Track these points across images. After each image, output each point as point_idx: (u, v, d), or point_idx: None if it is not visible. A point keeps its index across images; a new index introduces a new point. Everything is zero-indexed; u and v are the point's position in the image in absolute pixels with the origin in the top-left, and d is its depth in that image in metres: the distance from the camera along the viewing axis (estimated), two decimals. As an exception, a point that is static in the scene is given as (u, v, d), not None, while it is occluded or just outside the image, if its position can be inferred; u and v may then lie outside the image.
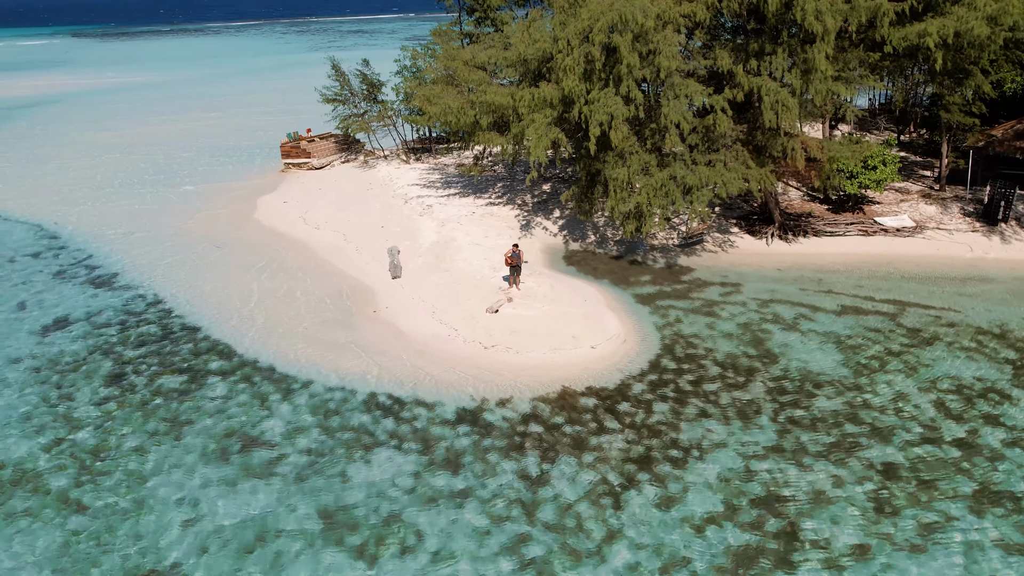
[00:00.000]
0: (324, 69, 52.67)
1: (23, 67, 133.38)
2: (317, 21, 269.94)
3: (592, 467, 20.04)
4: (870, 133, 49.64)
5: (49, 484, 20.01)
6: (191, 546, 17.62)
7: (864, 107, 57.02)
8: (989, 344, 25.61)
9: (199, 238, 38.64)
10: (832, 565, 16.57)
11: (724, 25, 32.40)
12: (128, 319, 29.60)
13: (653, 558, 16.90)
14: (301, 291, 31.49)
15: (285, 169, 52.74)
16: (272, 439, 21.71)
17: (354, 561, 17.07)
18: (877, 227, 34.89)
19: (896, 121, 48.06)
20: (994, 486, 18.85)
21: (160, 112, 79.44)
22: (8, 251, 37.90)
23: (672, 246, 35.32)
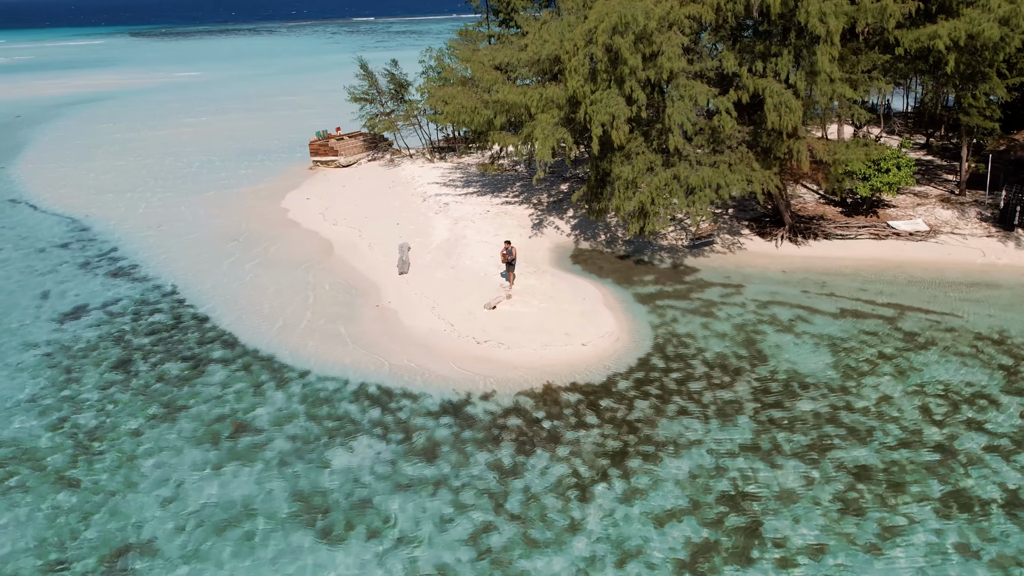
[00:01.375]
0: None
1: (79, 65, 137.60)
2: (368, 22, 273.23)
3: (564, 460, 20.38)
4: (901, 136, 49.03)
5: (46, 462, 20.99)
6: (168, 524, 18.40)
7: (899, 110, 56.31)
8: (985, 350, 25.31)
9: (220, 232, 39.78)
10: (786, 563, 16.70)
11: (731, 27, 32.36)
12: (142, 308, 30.71)
13: (610, 550, 17.19)
14: (310, 284, 32.31)
15: (313, 167, 53.86)
16: (261, 425, 22.47)
17: (320, 543, 17.67)
18: (889, 231, 34.54)
19: (926, 124, 47.32)
20: (965, 491, 18.74)
21: (202, 110, 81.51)
22: (40, 242, 39.45)
23: (681, 247, 35.39)
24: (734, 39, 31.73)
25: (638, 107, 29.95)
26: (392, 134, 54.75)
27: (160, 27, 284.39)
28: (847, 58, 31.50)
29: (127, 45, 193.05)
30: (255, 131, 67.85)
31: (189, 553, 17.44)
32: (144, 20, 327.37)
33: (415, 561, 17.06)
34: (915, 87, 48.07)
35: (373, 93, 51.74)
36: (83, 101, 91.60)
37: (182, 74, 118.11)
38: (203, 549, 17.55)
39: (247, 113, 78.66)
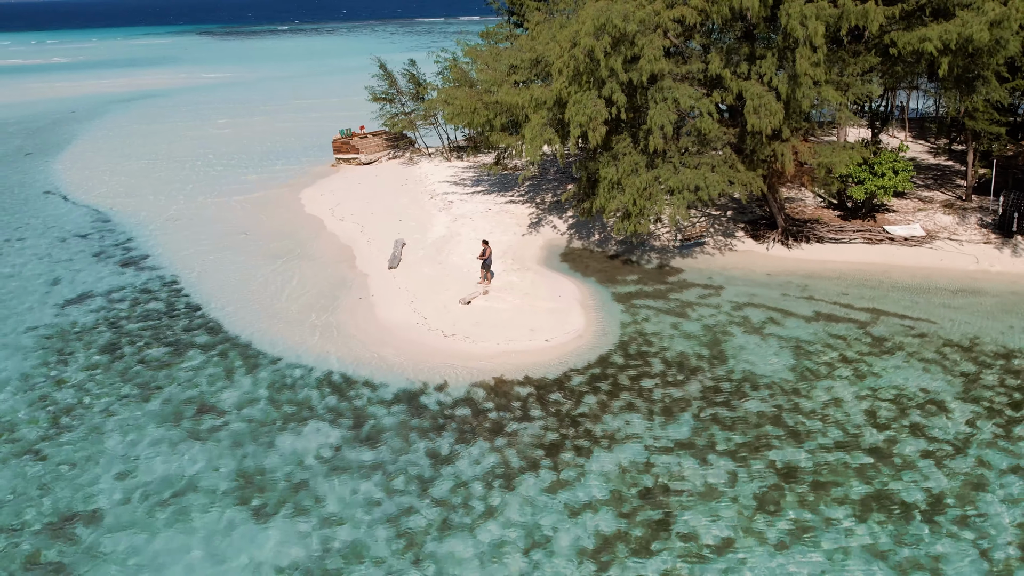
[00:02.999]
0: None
1: (141, 64, 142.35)
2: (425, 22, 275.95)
3: (500, 450, 20.97)
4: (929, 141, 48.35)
5: (20, 434, 22.40)
6: (116, 496, 19.53)
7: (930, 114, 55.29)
8: (951, 356, 25.10)
9: (232, 225, 41.26)
10: (689, 555, 17.04)
11: (717, 29, 32.47)
12: (140, 296, 32.19)
13: (521, 537, 17.73)
14: (302, 277, 33.43)
15: (336, 164, 55.22)
16: (224, 407, 23.55)
17: (249, 518, 18.59)
18: (883, 235, 34.21)
19: (947, 129, 46.43)
20: (889, 494, 18.79)
21: (243, 109, 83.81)
22: (63, 232, 41.46)
23: (672, 247, 35.57)
24: (721, 41, 31.79)
25: (618, 108, 30.22)
26: (413, 133, 55.75)
27: (228, 26, 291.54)
28: (841, 61, 31.32)
29: (191, 44, 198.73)
30: (290, 130, 69.66)
31: (127, 523, 18.53)
32: (215, 19, 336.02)
33: (332, 539, 17.85)
34: (937, 91, 47.14)
35: (392, 93, 52.78)
36: (136, 98, 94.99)
37: (233, 73, 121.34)
38: (141, 520, 18.61)
39: (285, 112, 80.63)
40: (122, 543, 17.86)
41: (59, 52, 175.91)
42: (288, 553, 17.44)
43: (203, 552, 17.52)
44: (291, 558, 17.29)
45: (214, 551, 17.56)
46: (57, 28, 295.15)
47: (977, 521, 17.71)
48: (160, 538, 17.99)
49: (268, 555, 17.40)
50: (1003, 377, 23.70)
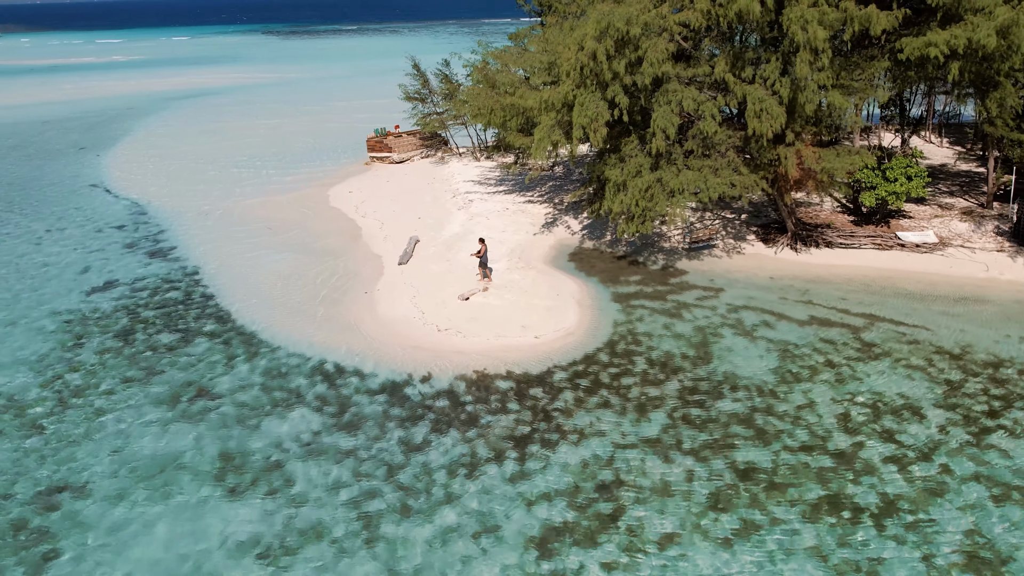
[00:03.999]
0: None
1: (202, 62, 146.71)
2: (488, 22, 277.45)
3: (470, 441, 21.66)
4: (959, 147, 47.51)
5: (28, 411, 23.88)
6: (105, 471, 20.77)
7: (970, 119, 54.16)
8: (939, 364, 24.94)
9: (259, 220, 42.74)
10: (631, 548, 17.48)
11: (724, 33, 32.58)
12: (161, 286, 33.72)
13: (472, 523, 18.39)
14: (315, 270, 34.59)
15: (369, 162, 56.57)
16: (219, 392, 24.71)
17: (222, 496, 19.62)
18: (895, 241, 33.92)
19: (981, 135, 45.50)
20: (844, 497, 18.93)
21: (291, 107, 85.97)
22: (100, 223, 43.48)
23: (681, 249, 35.80)
24: (728, 45, 31.95)
25: (621, 111, 30.63)
26: (446, 133, 56.72)
27: (293, 25, 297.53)
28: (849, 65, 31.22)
29: (254, 43, 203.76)
30: (331, 129, 71.28)
31: (110, 495, 19.72)
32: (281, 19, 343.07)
33: (295, 518, 18.76)
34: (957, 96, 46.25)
35: (425, 93, 53.82)
36: (191, 96, 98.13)
37: (287, 72, 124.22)
38: (123, 493, 19.80)
39: (330, 112, 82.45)
40: (103, 514, 19.04)
41: (128, 50, 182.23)
42: (252, 529, 18.40)
43: (175, 525, 18.59)
44: (254, 534, 18.24)
45: (186, 525, 18.62)
46: (130, 27, 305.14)
47: (926, 527, 17.76)
48: (138, 511, 19.13)
49: (234, 530, 18.39)
50: (987, 386, 23.50)
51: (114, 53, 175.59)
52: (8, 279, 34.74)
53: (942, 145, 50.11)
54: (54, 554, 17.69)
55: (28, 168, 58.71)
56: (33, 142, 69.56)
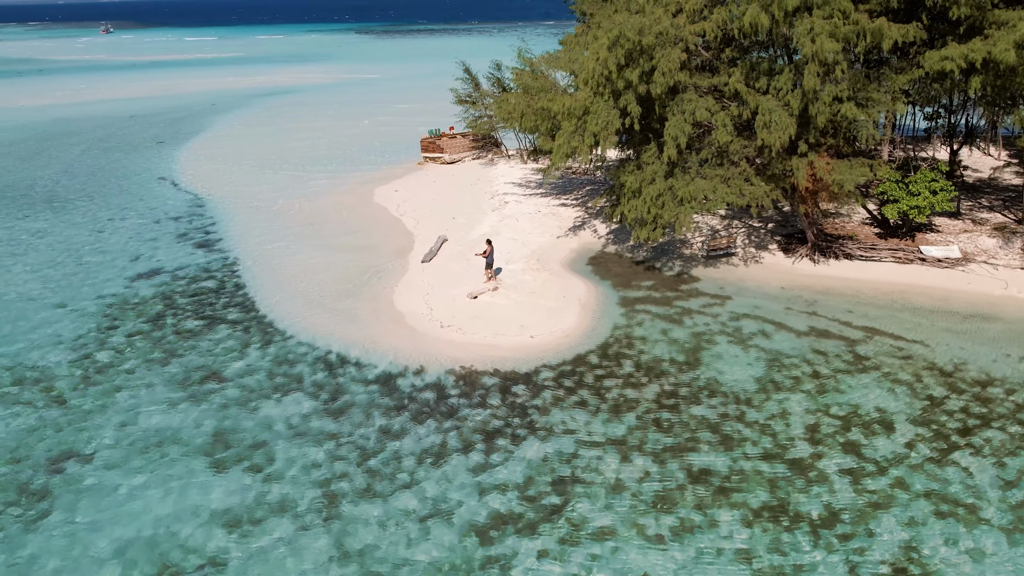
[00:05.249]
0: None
1: (292, 60, 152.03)
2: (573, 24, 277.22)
3: (444, 432, 22.84)
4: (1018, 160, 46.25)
5: (54, 385, 26.18)
6: (109, 442, 22.76)
7: None
8: (926, 380, 24.89)
9: (303, 216, 44.88)
10: (567, 539, 18.36)
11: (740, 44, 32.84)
12: (200, 275, 36.01)
13: (426, 508, 19.58)
14: (343, 265, 36.34)
15: (422, 162, 58.32)
16: (227, 376, 26.55)
17: (208, 470, 21.32)
18: (916, 256, 33.59)
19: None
20: (788, 505, 19.36)
21: (360, 106, 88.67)
22: (159, 213, 46.38)
23: (699, 256, 36.19)
24: (745, 55, 32.25)
25: (632, 119, 31.31)
26: (498, 135, 57.98)
27: (387, 24, 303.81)
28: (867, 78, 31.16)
29: (346, 42, 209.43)
30: (394, 128, 73.45)
31: (110, 464, 21.66)
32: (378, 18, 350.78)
33: (268, 493, 20.29)
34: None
35: (476, 96, 55.21)
36: (273, 94, 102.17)
37: (369, 71, 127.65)
38: (121, 462, 21.71)
39: (396, 111, 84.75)
40: (99, 480, 20.96)
41: (222, 48, 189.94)
42: (228, 501, 20.01)
43: (160, 494, 20.35)
44: (228, 505, 19.84)
45: (170, 494, 20.34)
46: (232, 24, 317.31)
47: (861, 539, 18.08)
48: (130, 479, 20.98)
49: (211, 501, 20.03)
50: (969, 404, 23.39)
51: (209, 50, 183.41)
52: (66, 265, 37.61)
53: (999, 157, 48.74)
54: (48, 512, 19.65)
55: (107, 159, 62.64)
56: (117, 135, 73.94)
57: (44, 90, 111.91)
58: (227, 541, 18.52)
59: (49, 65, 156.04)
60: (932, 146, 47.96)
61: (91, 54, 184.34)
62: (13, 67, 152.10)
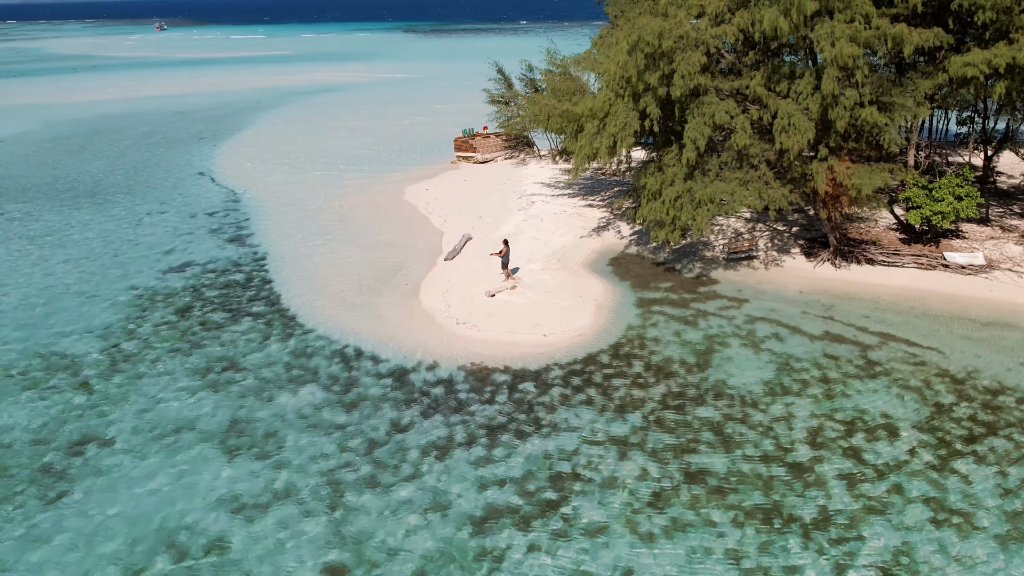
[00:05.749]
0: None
1: (336, 58, 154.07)
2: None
3: (451, 426, 23.36)
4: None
5: (83, 372, 27.24)
6: (128, 427, 23.68)
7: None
8: (936, 387, 24.77)
9: (333, 213, 45.77)
10: (560, 535, 18.74)
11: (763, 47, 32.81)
12: (229, 268, 37.04)
13: (425, 499, 20.10)
14: (367, 261, 37.09)
15: (455, 162, 58.98)
16: (246, 367, 27.38)
17: (220, 456, 22.10)
18: (939, 262, 33.29)
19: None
20: (783, 507, 19.51)
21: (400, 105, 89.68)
22: (196, 208, 47.67)
23: (720, 259, 36.24)
24: (768, 59, 32.26)
25: (651, 121, 31.52)
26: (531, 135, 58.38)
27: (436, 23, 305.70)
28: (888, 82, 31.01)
29: (392, 40, 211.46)
30: (430, 127, 74.28)
31: (128, 449, 22.57)
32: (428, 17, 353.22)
33: (275, 480, 20.99)
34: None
35: (508, 96, 55.69)
36: (315, 92, 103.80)
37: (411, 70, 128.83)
38: (139, 448, 22.60)
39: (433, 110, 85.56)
40: (116, 463, 21.86)
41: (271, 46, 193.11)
42: (235, 487, 20.75)
43: (172, 478, 21.17)
44: (235, 491, 20.58)
45: (181, 478, 21.16)
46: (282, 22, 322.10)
47: (852, 543, 18.19)
48: (145, 463, 21.85)
49: (220, 485, 20.79)
50: (976, 412, 23.26)
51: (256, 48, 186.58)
52: (102, 257, 38.92)
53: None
54: (66, 492, 20.57)
55: (150, 154, 64.38)
56: (162, 130, 75.87)
57: (96, 86, 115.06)
58: (231, 524, 19.24)
59: (103, 61, 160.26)
60: (967, 151, 47.25)
61: (143, 51, 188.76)
62: (69, 63, 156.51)
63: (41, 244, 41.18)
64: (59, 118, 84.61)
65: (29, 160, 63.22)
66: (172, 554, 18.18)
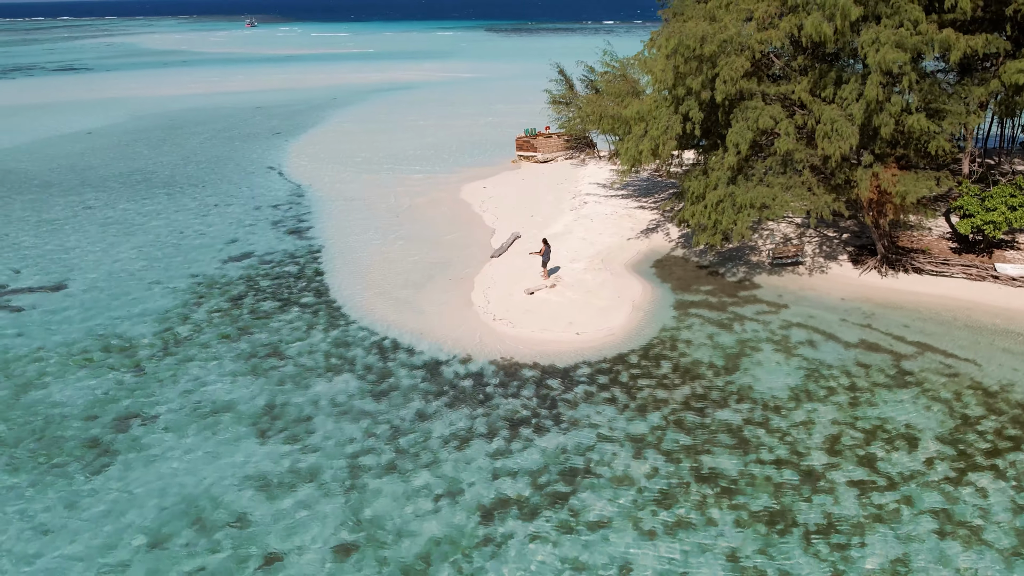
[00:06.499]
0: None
1: (415, 56, 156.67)
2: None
3: (474, 418, 24.14)
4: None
5: (136, 353, 28.97)
6: (174, 406, 25.17)
7: None
8: (966, 399, 24.43)
9: (391, 209, 47.10)
10: (564, 526, 19.30)
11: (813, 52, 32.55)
12: (285, 260, 38.61)
13: (440, 486, 20.92)
14: (416, 256, 38.20)
15: (516, 160, 59.78)
16: (289, 354, 28.70)
17: (252, 437, 23.35)
18: (989, 273, 32.60)
19: None
20: (788, 512, 19.65)
21: (469, 104, 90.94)
22: (261, 201, 49.63)
23: (765, 263, 36.14)
24: (815, 63, 32.07)
25: (693, 124, 31.70)
26: (593, 135, 58.75)
27: (516, 23, 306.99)
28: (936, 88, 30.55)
29: (470, 39, 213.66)
30: (496, 126, 75.18)
31: (169, 426, 24.03)
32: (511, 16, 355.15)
33: (300, 462, 22.10)
34: None
35: (570, 96, 56.18)
36: (390, 89, 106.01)
37: (484, 70, 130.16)
38: (179, 426, 24.04)
39: (500, 111, 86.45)
40: (157, 440, 23.32)
41: (354, 43, 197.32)
42: (263, 467, 21.93)
43: (206, 455, 22.50)
44: (263, 471, 21.76)
45: (214, 457, 22.46)
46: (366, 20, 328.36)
47: (853, 550, 18.27)
48: (183, 440, 23.25)
49: (248, 464, 22.01)
50: (1004, 426, 22.90)
51: (339, 46, 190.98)
52: (168, 246, 41.01)
53: None
54: (107, 465, 22.08)
55: (225, 149, 67.05)
56: (239, 126, 78.78)
57: (183, 81, 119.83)
58: (254, 501, 20.39)
59: (192, 57, 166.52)
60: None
61: (229, 47, 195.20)
62: (160, 59, 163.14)
63: (114, 232, 43.55)
64: (145, 111, 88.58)
65: (112, 152, 66.56)
66: (195, 526, 19.43)
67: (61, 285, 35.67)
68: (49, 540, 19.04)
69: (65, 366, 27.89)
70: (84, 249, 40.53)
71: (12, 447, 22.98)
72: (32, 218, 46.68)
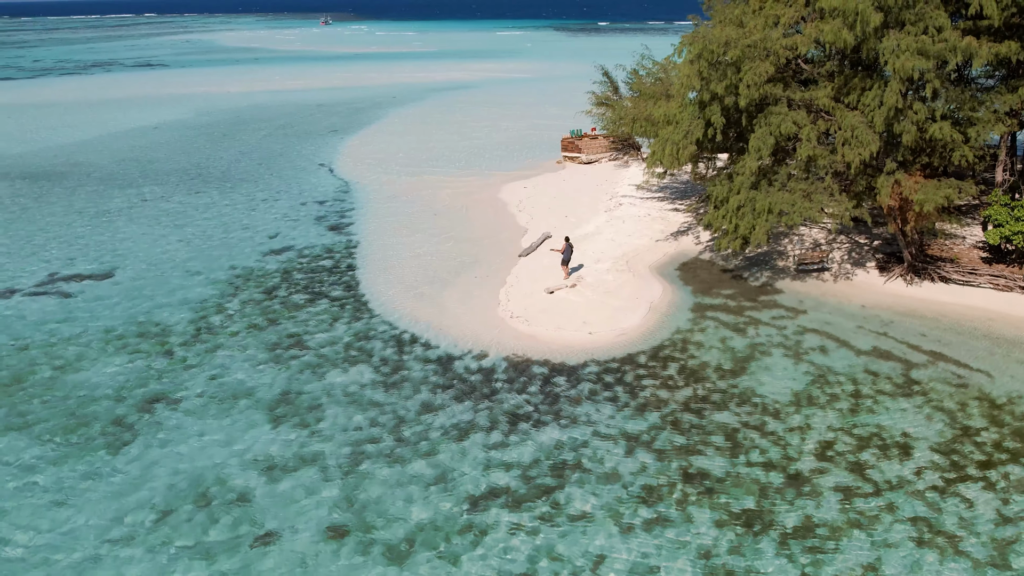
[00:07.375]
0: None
1: (479, 55, 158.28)
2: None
3: (477, 411, 25.01)
4: None
5: (169, 339, 30.62)
6: (197, 391, 26.65)
7: None
8: (971, 410, 24.32)
9: (430, 207, 48.25)
10: (547, 518, 20.00)
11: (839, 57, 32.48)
12: (322, 254, 40.07)
13: (433, 474, 21.82)
14: (446, 254, 39.24)
15: (561, 161, 60.43)
16: (311, 345, 29.99)
17: (266, 422, 24.62)
18: (1016, 283, 32.11)
19: None
20: (768, 514, 20.00)
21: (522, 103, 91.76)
22: (308, 197, 51.36)
23: (791, 269, 36.15)
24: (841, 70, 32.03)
25: (715, 130, 31.97)
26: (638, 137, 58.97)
27: (584, 22, 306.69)
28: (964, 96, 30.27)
29: (537, 38, 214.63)
30: (547, 127, 75.82)
31: (190, 410, 25.49)
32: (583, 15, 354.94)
33: (306, 447, 23.27)
34: None
35: (615, 98, 56.57)
36: (450, 88, 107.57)
37: (548, 69, 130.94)
38: (199, 410, 25.48)
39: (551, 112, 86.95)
40: (176, 422, 24.77)
41: (420, 42, 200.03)
42: (270, 450, 23.15)
43: (218, 437, 23.84)
44: (269, 454, 22.98)
45: (227, 439, 23.79)
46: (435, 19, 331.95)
47: (826, 553, 18.54)
48: (201, 422, 24.65)
49: (257, 447, 23.26)
50: (1003, 437, 22.78)
51: (404, 44, 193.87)
52: (213, 238, 42.90)
53: None
54: (129, 442, 23.60)
55: (281, 145, 69.28)
56: (299, 122, 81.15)
57: (251, 77, 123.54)
58: (257, 482, 21.60)
59: (263, 54, 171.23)
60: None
61: (300, 45, 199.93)
62: (231, 55, 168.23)
63: (165, 224, 45.69)
64: (211, 107, 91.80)
65: (174, 146, 69.39)
66: (199, 502, 20.71)
67: (109, 273, 37.70)
68: (63, 510, 20.54)
69: (103, 351, 29.65)
70: (135, 241, 42.66)
71: (45, 422, 24.68)
72: (91, 209, 49.23)
